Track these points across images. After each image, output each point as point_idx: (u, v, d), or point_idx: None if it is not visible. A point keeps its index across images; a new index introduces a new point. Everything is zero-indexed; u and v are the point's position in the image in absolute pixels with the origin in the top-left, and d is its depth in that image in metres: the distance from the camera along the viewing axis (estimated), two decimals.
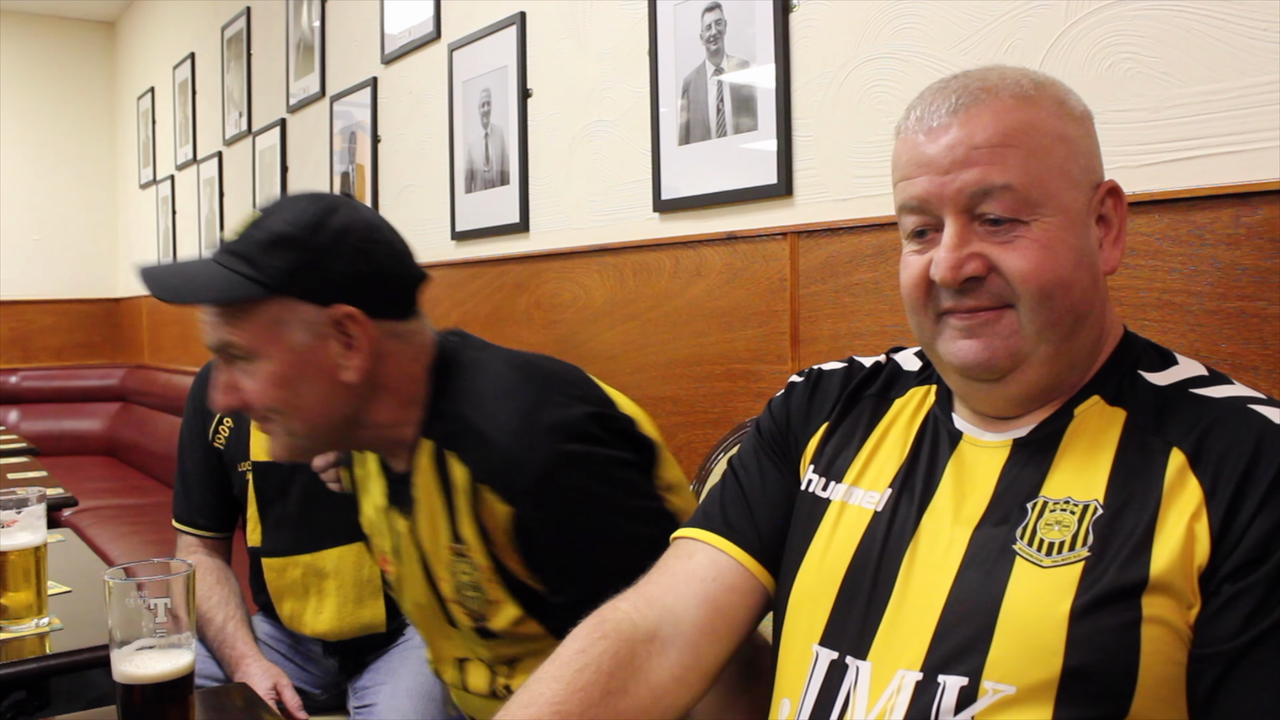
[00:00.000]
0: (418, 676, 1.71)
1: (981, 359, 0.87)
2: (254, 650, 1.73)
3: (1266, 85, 1.14)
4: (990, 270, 0.85)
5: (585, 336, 2.24)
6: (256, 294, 1.11)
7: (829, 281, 1.67)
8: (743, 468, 1.06)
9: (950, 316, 0.88)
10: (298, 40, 3.75)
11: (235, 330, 1.13)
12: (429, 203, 2.91)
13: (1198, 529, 0.76)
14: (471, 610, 1.21)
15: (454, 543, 1.18)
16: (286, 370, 1.13)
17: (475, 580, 1.18)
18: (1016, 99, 0.86)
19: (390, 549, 1.30)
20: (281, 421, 1.16)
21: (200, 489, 1.89)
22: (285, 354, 1.13)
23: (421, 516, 1.21)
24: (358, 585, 1.80)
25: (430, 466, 1.19)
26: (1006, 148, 0.84)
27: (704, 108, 1.91)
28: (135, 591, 1.04)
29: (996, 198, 0.84)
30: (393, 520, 1.27)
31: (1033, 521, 0.83)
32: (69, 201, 6.24)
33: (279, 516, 1.82)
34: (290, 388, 1.14)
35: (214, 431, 1.90)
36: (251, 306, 1.12)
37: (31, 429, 5.31)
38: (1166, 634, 0.76)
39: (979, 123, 0.85)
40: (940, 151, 0.86)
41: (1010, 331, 0.86)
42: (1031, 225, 0.84)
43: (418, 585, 1.26)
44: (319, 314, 1.13)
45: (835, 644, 0.89)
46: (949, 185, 0.85)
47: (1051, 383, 0.88)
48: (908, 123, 0.90)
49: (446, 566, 1.20)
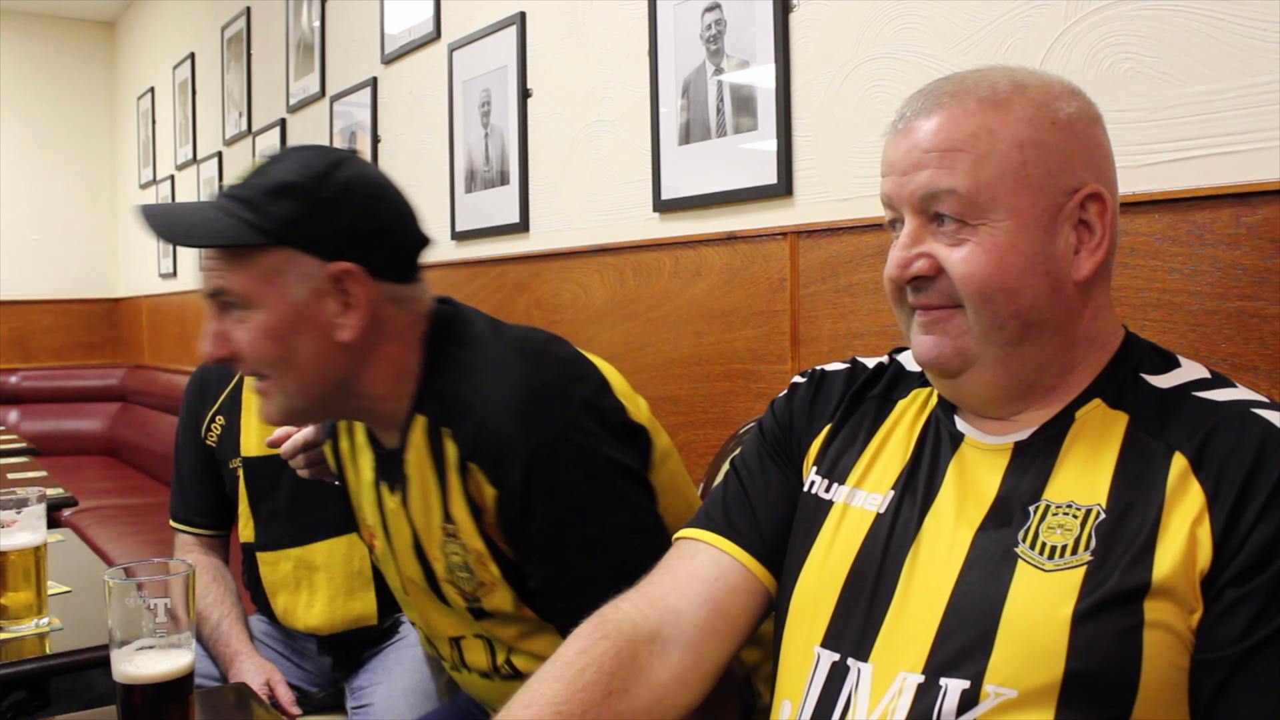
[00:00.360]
0: (413, 675, 1.72)
1: (932, 355, 0.89)
2: (248, 647, 1.75)
3: (1266, 85, 1.14)
4: (940, 270, 0.87)
5: (585, 336, 2.24)
6: (256, 240, 1.08)
7: (829, 281, 1.67)
8: (745, 468, 1.06)
9: (915, 312, 0.91)
10: (298, 40, 3.75)
11: (233, 277, 1.10)
12: (429, 203, 2.91)
13: (1200, 534, 0.76)
14: (464, 591, 1.19)
15: (445, 523, 1.16)
16: (281, 323, 1.10)
17: (466, 562, 1.16)
18: (981, 103, 0.87)
19: (377, 524, 1.27)
20: (275, 379, 1.13)
21: (195, 488, 1.91)
22: (281, 305, 1.10)
23: (414, 494, 1.18)
24: (348, 577, 1.80)
25: (424, 443, 1.16)
26: (955, 152, 0.86)
27: (704, 108, 1.91)
28: (135, 591, 1.04)
29: (943, 200, 0.86)
30: (382, 495, 1.24)
31: (1035, 525, 0.83)
32: (69, 201, 6.24)
33: (270, 511, 1.83)
34: (284, 342, 1.10)
35: (206, 429, 1.92)
36: (251, 253, 1.09)
37: (31, 429, 5.31)
38: (1169, 639, 0.76)
39: (931, 128, 0.87)
40: (900, 154, 0.89)
41: (959, 331, 0.88)
42: (978, 229, 0.85)
43: (409, 563, 1.23)
44: (319, 268, 1.10)
45: (837, 645, 0.89)
46: (905, 186, 0.88)
47: (1014, 384, 0.89)
48: (892, 122, 0.93)
49: (439, 546, 1.18)
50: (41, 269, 6.11)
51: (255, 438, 1.85)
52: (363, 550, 1.79)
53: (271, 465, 1.82)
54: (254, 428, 1.85)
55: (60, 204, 6.21)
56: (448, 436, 1.14)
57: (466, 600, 1.20)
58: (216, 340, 1.12)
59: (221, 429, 1.91)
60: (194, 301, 4.96)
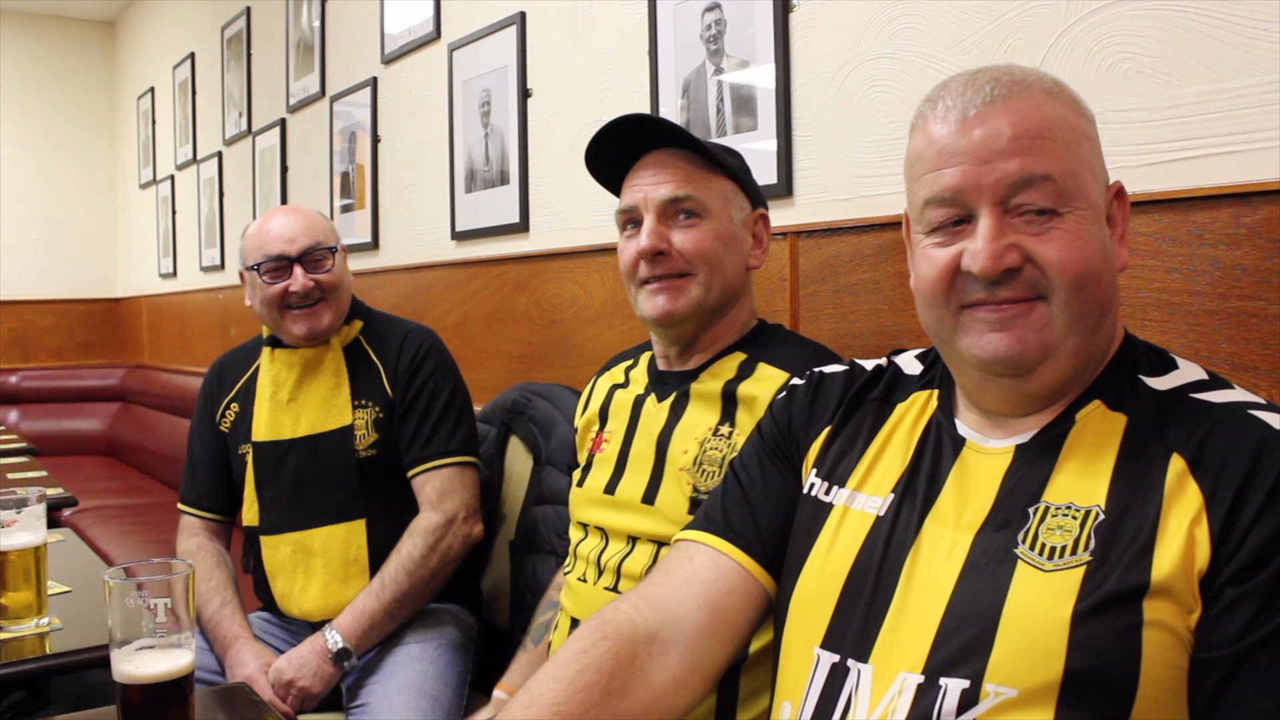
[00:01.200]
0: (409, 674, 1.73)
1: (1013, 352, 0.86)
2: (246, 633, 1.80)
3: (1266, 85, 1.14)
4: (1025, 261, 0.85)
5: (585, 336, 2.24)
6: (727, 168, 1.35)
7: (829, 281, 1.67)
8: (744, 470, 1.07)
9: (978, 309, 0.87)
10: (298, 40, 3.75)
11: (700, 188, 1.33)
12: (429, 203, 2.91)
13: (1198, 534, 0.77)
14: (695, 483, 1.29)
15: (720, 425, 1.30)
16: (725, 234, 1.34)
17: (723, 458, 1.28)
18: (1046, 94, 0.87)
19: (620, 427, 1.42)
20: (703, 276, 1.32)
21: (205, 472, 1.99)
22: (727, 221, 1.35)
23: (694, 402, 1.34)
24: (344, 564, 1.84)
25: (732, 370, 1.34)
26: (1046, 139, 0.85)
27: (704, 108, 1.91)
28: (135, 591, 1.04)
29: (1037, 188, 0.84)
30: (645, 404, 1.40)
31: (1035, 526, 0.83)
32: (69, 201, 6.24)
33: (273, 495, 1.88)
34: (723, 247, 1.34)
35: (221, 415, 2.00)
36: (714, 177, 1.34)
37: (31, 429, 5.31)
38: (1168, 638, 0.76)
39: (1018, 113, 0.85)
40: (978, 141, 0.85)
41: (1042, 324, 0.85)
42: (1065, 217, 0.85)
43: (644, 453, 1.35)
44: (748, 207, 1.39)
45: (837, 647, 0.89)
46: (987, 175, 0.85)
47: (1073, 376, 0.88)
48: (934, 114, 0.89)
49: (698, 442, 1.30)
50: (41, 269, 6.11)
51: (265, 423, 1.90)
52: (360, 539, 1.84)
53: (278, 450, 1.89)
54: (265, 414, 1.90)
55: (60, 204, 6.21)
56: (766, 366, 1.33)
57: (694, 491, 1.28)
58: (657, 235, 1.32)
59: (235, 415, 1.98)
60: (194, 301, 4.96)
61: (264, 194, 4.08)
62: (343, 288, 1.90)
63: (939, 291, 0.89)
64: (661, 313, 1.33)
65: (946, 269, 0.88)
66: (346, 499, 1.85)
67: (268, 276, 1.86)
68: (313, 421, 1.87)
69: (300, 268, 1.85)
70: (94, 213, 6.32)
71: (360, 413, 1.88)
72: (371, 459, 1.87)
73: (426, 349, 1.92)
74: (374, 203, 3.22)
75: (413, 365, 1.90)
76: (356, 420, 1.87)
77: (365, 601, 1.76)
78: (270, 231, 1.88)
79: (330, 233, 1.92)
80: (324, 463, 1.85)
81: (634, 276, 1.35)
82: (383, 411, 1.88)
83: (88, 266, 6.29)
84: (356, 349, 1.93)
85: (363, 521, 1.85)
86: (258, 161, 4.14)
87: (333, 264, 1.88)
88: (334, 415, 1.87)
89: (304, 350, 1.90)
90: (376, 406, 1.88)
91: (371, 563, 1.83)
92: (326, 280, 1.86)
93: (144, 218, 5.81)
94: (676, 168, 1.33)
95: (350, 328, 1.94)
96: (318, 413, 1.88)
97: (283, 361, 1.91)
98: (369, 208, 3.24)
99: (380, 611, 1.76)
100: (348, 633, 1.74)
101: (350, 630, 1.74)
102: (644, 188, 1.34)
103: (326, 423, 1.87)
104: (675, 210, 1.32)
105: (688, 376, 1.36)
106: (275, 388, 1.91)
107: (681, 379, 1.37)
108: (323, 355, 1.90)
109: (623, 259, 1.37)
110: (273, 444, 1.88)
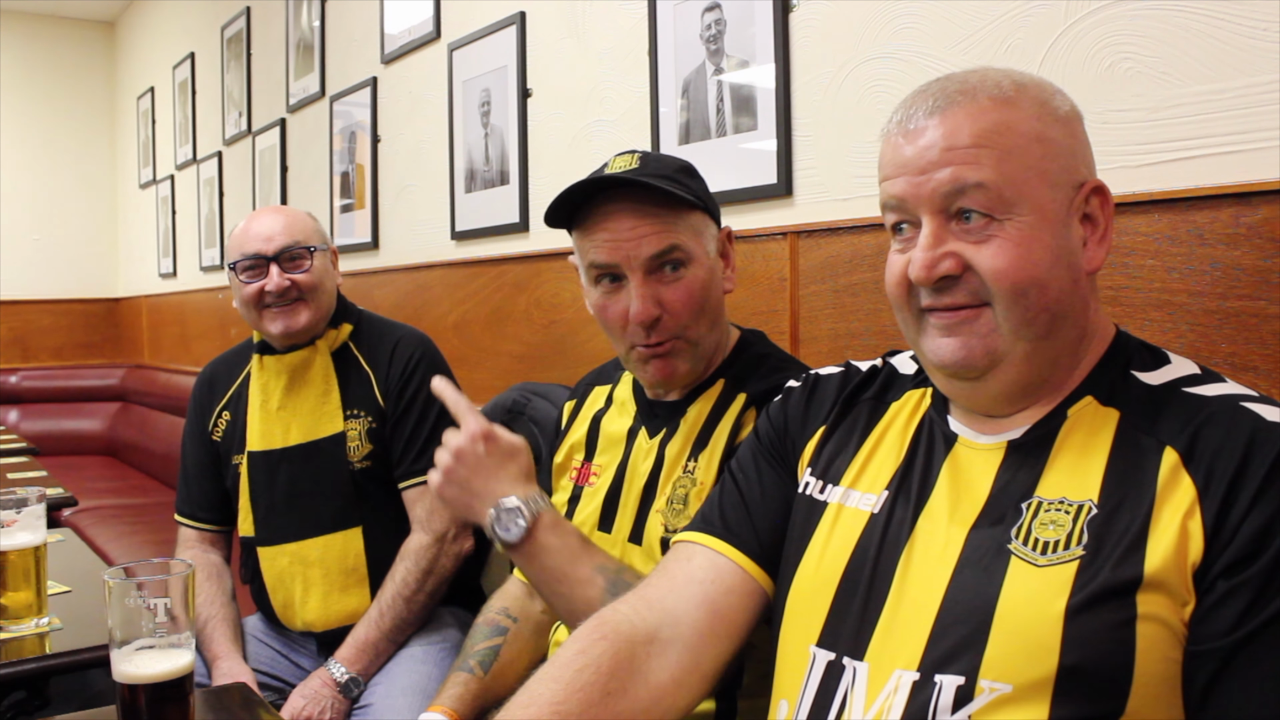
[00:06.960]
0: (412, 675, 1.73)
1: (959, 357, 0.88)
2: (228, 651, 1.77)
3: (1266, 85, 1.14)
4: (965, 269, 0.86)
5: (585, 336, 2.24)
6: (696, 204, 1.23)
7: (829, 281, 1.67)
8: (741, 472, 1.07)
9: (931, 314, 0.89)
10: (298, 40, 3.75)
11: (680, 233, 1.22)
12: (429, 203, 2.91)
13: (1191, 526, 0.77)
14: (667, 522, 1.27)
15: (688, 461, 1.27)
16: (707, 278, 1.25)
17: (687, 495, 1.25)
18: (993, 100, 0.87)
19: (611, 462, 1.37)
20: (694, 336, 1.25)
21: (199, 482, 1.96)
22: (706, 261, 1.25)
23: (677, 437, 1.30)
24: (343, 574, 1.82)
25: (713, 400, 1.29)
26: (980, 148, 0.85)
27: (704, 107, 1.91)
28: (135, 591, 1.04)
29: (970, 195, 0.85)
30: (636, 439, 1.35)
31: (1028, 521, 0.84)
32: (69, 201, 6.24)
33: (268, 506, 1.86)
34: (708, 295, 1.25)
35: (213, 424, 1.96)
36: (686, 214, 1.23)
37: (31, 429, 5.31)
38: (1161, 631, 0.76)
39: (953, 124, 0.86)
40: (917, 153, 0.87)
41: (988, 330, 0.87)
42: (1005, 224, 0.85)
43: (630, 500, 1.32)
44: (715, 228, 1.29)
45: (832, 645, 0.89)
46: (924, 185, 0.87)
47: (1032, 380, 0.89)
48: (890, 125, 0.92)
49: (673, 483, 1.28)
50: (41, 269, 6.11)
51: (257, 433, 1.87)
52: (357, 547, 1.82)
53: (270, 460, 1.85)
54: (258, 423, 1.88)
55: (60, 204, 6.20)
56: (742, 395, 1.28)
57: (666, 531, 1.26)
58: (652, 301, 1.22)
59: (227, 424, 1.95)
60: (194, 301, 4.96)
61: (264, 194, 4.08)
62: (322, 289, 1.86)
63: (900, 296, 0.91)
64: (658, 380, 1.28)
65: (903, 275, 0.90)
66: (342, 507, 1.83)
67: (245, 275, 1.84)
68: (304, 430, 1.85)
69: (276, 266, 1.82)
70: (94, 213, 6.32)
71: (353, 423, 1.85)
72: (367, 470, 1.85)
73: (419, 357, 1.89)
74: (374, 203, 3.22)
75: (405, 374, 1.87)
76: (349, 431, 1.85)
77: (366, 632, 1.75)
78: (250, 230, 1.86)
79: (313, 233, 1.88)
80: (317, 471, 1.83)
81: (622, 337, 1.26)
82: (375, 421, 1.86)
83: (87, 266, 6.29)
84: (345, 354, 1.90)
85: (359, 529, 1.83)
86: (257, 161, 4.14)
87: (311, 264, 1.84)
88: (325, 423, 1.85)
89: (291, 356, 1.87)
90: (369, 417, 1.86)
91: (370, 571, 1.82)
92: (304, 280, 1.82)
93: (144, 218, 5.81)
94: (651, 215, 1.21)
95: (338, 332, 1.90)
96: (308, 420, 1.85)
97: (271, 369, 1.88)
98: (369, 208, 3.24)
99: (381, 639, 1.76)
100: (351, 664, 1.73)
101: (354, 661, 1.74)
102: (623, 244, 1.21)
103: (318, 430, 1.85)
104: (660, 264, 1.22)
105: (676, 410, 1.32)
106: (265, 396, 1.88)
107: (670, 411, 1.32)
108: (311, 361, 1.86)
109: (603, 316, 1.27)
110: (264, 454, 1.86)
